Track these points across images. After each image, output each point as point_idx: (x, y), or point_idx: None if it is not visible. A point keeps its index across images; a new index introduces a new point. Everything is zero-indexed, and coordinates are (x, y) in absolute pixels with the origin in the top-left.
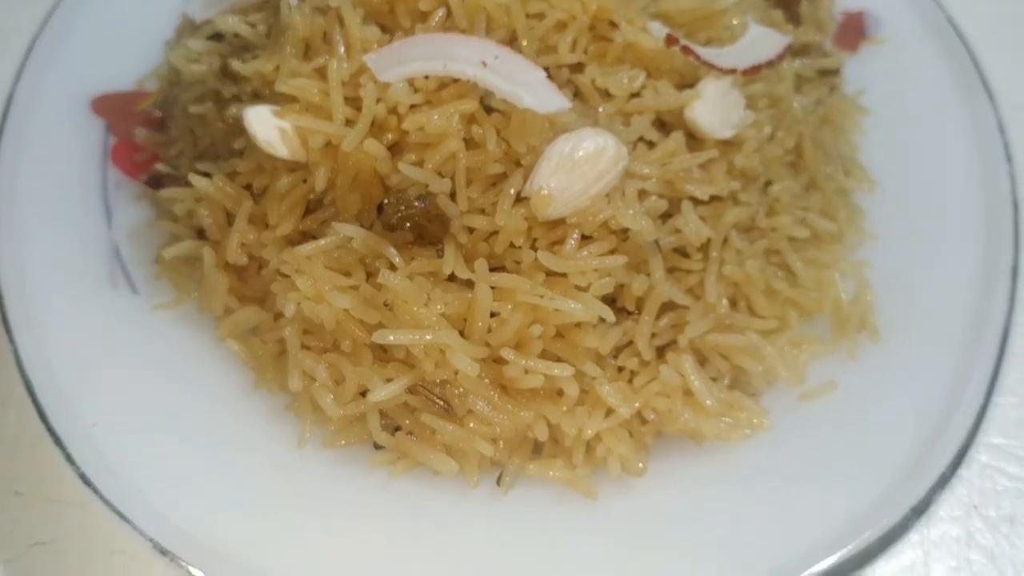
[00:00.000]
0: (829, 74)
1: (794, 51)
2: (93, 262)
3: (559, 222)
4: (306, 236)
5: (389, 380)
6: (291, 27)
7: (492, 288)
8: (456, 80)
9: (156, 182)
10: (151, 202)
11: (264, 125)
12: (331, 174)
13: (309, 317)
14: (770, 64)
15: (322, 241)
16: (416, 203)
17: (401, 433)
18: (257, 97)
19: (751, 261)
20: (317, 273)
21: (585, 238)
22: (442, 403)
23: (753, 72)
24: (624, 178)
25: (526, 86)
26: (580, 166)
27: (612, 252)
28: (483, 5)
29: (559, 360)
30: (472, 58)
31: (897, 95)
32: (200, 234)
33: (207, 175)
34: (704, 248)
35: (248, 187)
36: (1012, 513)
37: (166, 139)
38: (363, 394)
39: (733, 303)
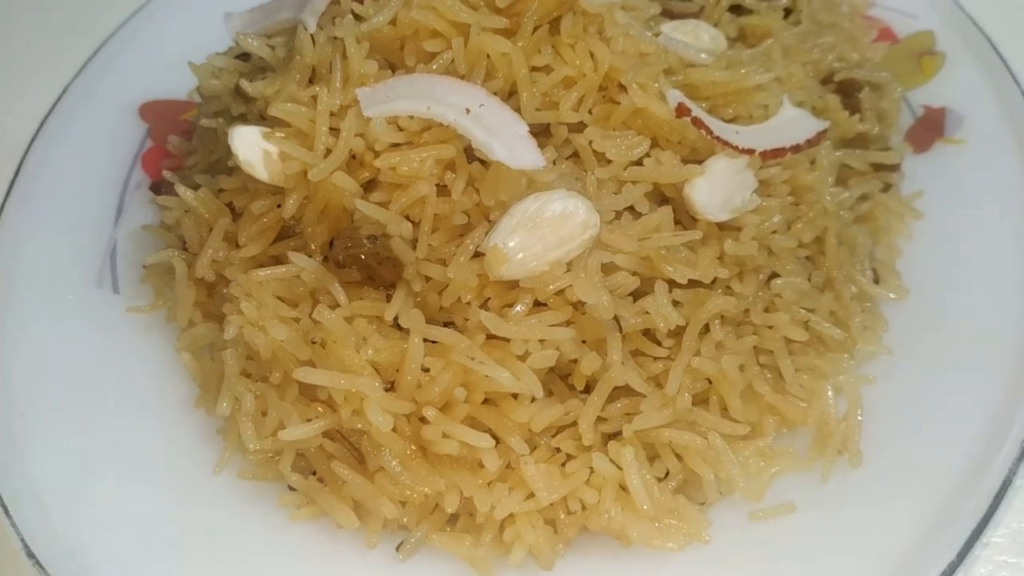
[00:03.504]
0: (884, 169)
1: (847, 141)
2: (87, 257)
3: (515, 284)
4: (278, 261)
5: (308, 420)
6: (300, 53)
7: (434, 343)
8: (441, 124)
9: (158, 188)
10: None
11: (248, 146)
12: (303, 202)
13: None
14: (796, 149)
15: (278, 268)
16: (366, 242)
17: (313, 478)
18: (262, 118)
19: (729, 357)
20: (264, 299)
21: (540, 305)
22: (357, 454)
23: (775, 155)
24: (595, 248)
25: (503, 139)
26: (542, 228)
27: (568, 324)
28: (486, 52)
29: (487, 429)
30: (458, 103)
31: (960, 204)
32: (184, 244)
33: (198, 187)
34: (679, 335)
35: (231, 205)
36: None
37: (190, 149)
38: None
39: (704, 400)
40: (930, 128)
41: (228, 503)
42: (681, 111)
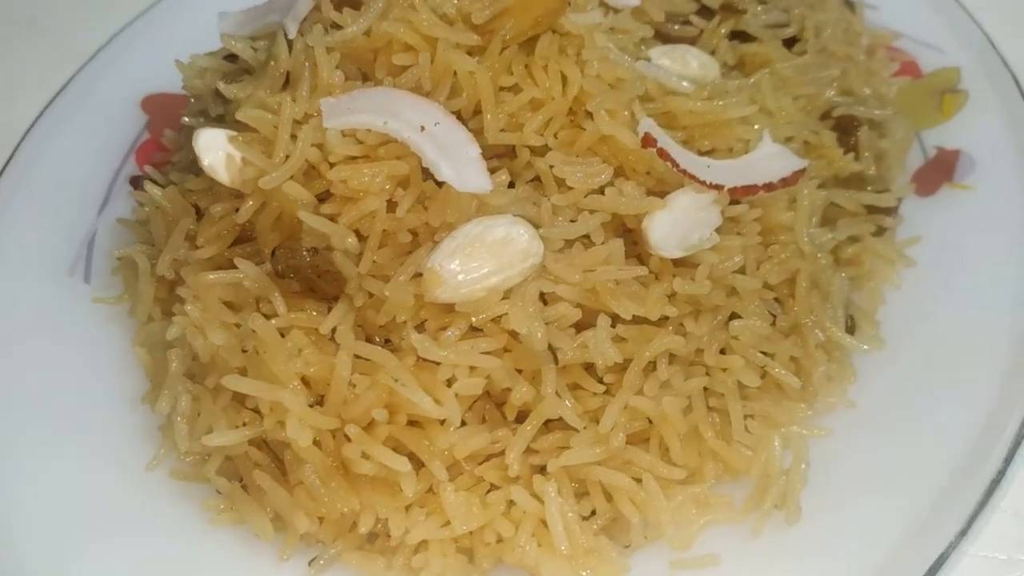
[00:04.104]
0: (879, 212)
1: (841, 180)
2: (64, 244)
3: (452, 307)
4: (234, 266)
5: (236, 427)
6: (275, 59)
7: (366, 360)
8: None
9: (137, 182)
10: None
11: (211, 149)
12: (258, 209)
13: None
14: (770, 188)
15: (226, 273)
16: (305, 254)
17: (239, 484)
18: (236, 122)
19: (670, 398)
20: (209, 303)
21: (477, 331)
22: (281, 465)
23: (746, 192)
24: (539, 277)
25: (452, 160)
26: (482, 252)
27: (505, 352)
28: (452, 69)
29: (410, 452)
30: (414, 120)
31: (959, 254)
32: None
33: (170, 184)
34: (622, 371)
35: (197, 206)
36: None
37: (180, 145)
38: None
39: (646, 440)
40: (940, 171)
41: (154, 501)
42: (647, 141)
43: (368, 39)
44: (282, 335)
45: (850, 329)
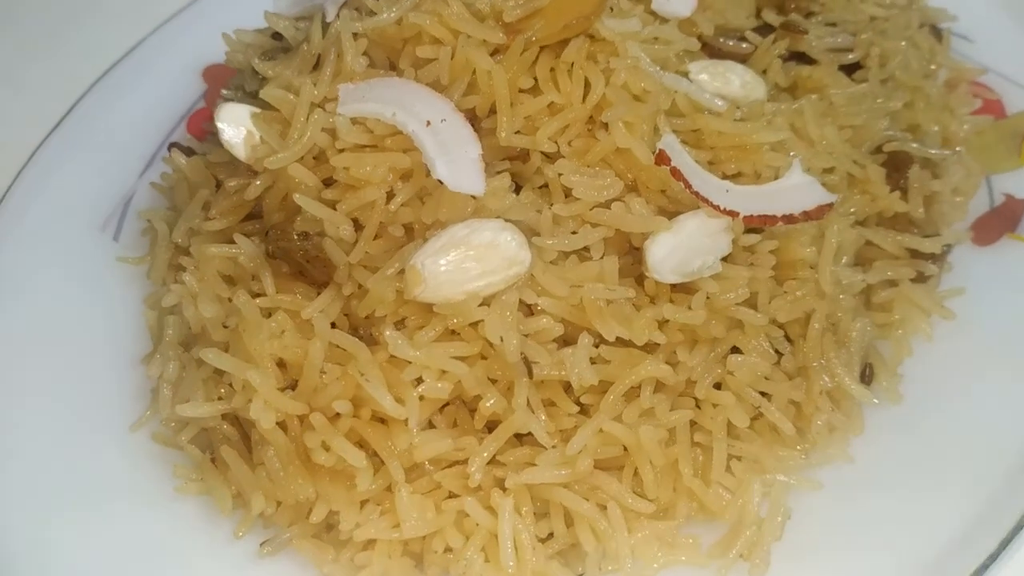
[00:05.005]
0: (921, 257)
1: (885, 219)
2: (104, 200)
3: (430, 307)
4: None
5: (213, 400)
6: (309, 40)
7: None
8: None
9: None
10: None
11: (232, 123)
12: (268, 187)
13: None
14: (790, 220)
15: (227, 247)
16: (296, 238)
17: (208, 457)
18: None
19: (647, 428)
20: (207, 275)
21: (455, 333)
22: (249, 443)
23: (762, 222)
24: (524, 286)
25: (449, 158)
26: (466, 255)
27: (481, 359)
28: (471, 66)
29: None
30: (422, 113)
31: (1007, 314)
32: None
33: (197, 154)
34: (602, 393)
35: (218, 178)
36: None
37: None
38: None
39: (621, 467)
40: (1003, 219)
41: (129, 461)
42: (661, 159)
43: (399, 28)
44: (269, 314)
45: (867, 379)
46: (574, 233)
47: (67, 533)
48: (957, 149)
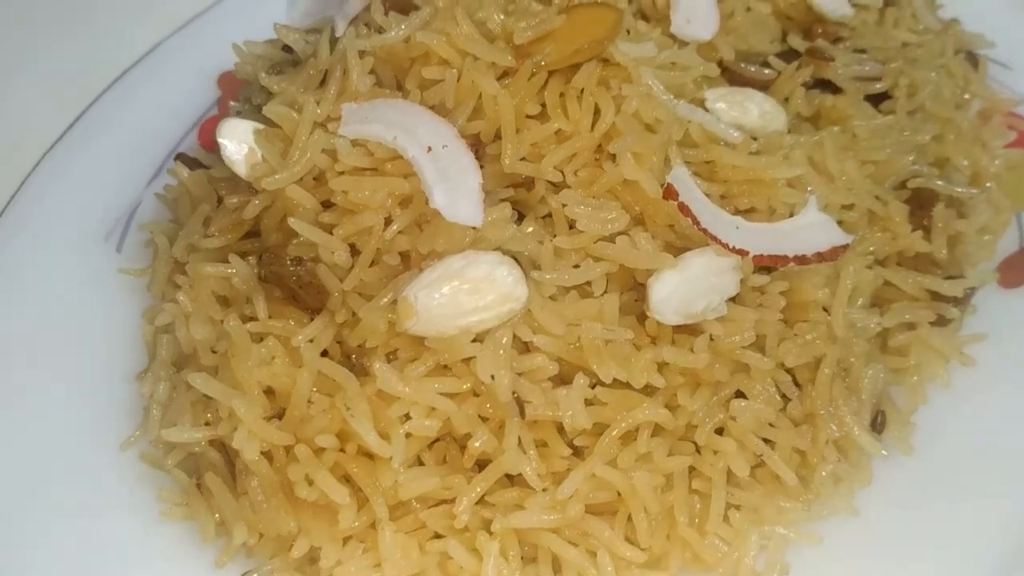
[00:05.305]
0: (943, 300)
1: (906, 259)
2: (109, 209)
3: (423, 340)
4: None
5: (200, 425)
6: (316, 56)
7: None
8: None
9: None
10: None
11: (236, 140)
12: (267, 207)
13: None
14: (802, 261)
15: (223, 267)
16: (289, 263)
17: (193, 482)
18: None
19: (642, 474)
20: (201, 295)
21: (446, 368)
22: (234, 471)
23: (772, 262)
24: (518, 323)
25: (448, 186)
26: (460, 289)
27: (473, 396)
28: (477, 89)
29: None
30: (423, 139)
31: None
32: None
33: (203, 167)
34: (596, 434)
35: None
36: None
37: None
38: None
39: (614, 512)
40: None
41: (118, 480)
42: (669, 193)
43: (407, 47)
44: (261, 339)
45: (878, 427)
46: (576, 267)
47: (41, 554)
48: (988, 185)
